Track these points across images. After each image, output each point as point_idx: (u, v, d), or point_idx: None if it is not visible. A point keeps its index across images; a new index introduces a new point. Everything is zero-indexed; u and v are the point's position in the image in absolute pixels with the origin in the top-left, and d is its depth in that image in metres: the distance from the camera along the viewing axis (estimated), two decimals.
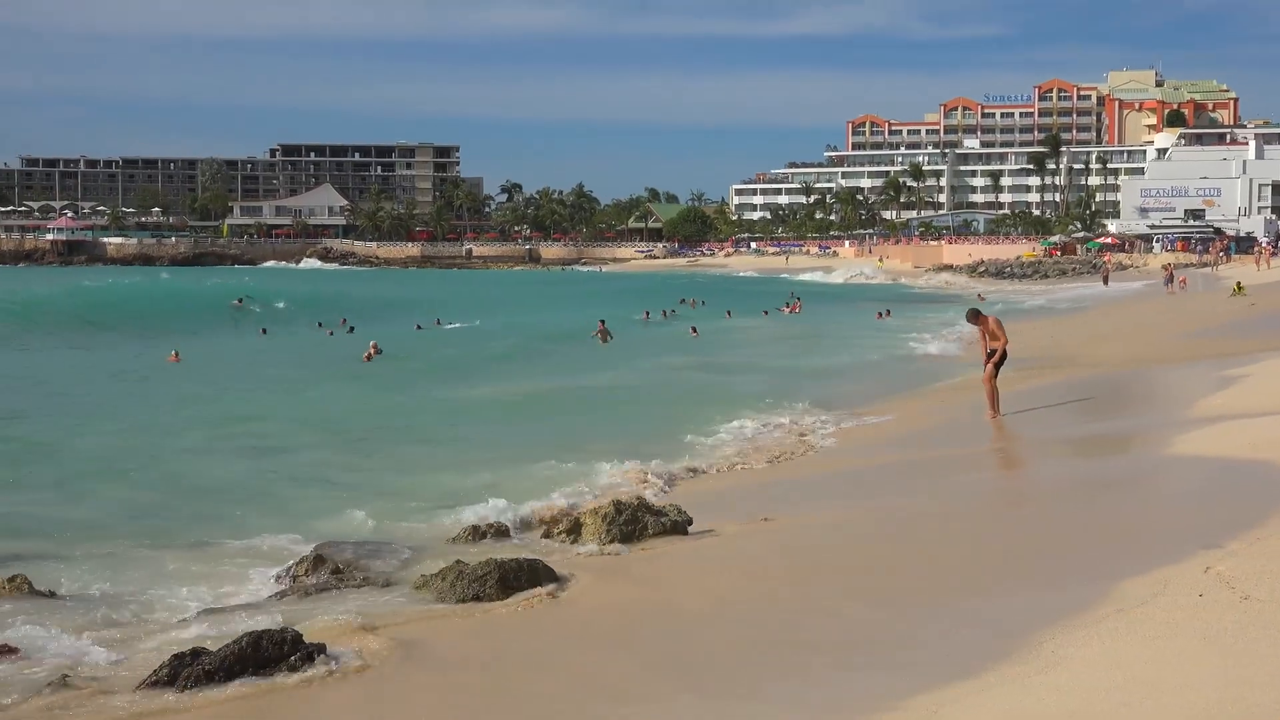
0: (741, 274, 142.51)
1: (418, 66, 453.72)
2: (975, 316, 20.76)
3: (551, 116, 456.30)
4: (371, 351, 40.55)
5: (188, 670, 7.90)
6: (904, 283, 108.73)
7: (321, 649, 8.29)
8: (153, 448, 20.21)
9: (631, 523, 11.98)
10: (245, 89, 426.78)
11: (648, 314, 62.98)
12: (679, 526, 12.09)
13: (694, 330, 50.42)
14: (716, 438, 20.10)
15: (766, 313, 63.82)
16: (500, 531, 12.34)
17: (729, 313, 63.40)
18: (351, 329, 54.06)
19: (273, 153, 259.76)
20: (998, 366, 19.78)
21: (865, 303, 72.84)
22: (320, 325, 56.98)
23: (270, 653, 8.10)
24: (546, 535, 12.39)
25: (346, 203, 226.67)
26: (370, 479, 17.33)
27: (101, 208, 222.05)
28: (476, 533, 12.26)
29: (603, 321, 48.09)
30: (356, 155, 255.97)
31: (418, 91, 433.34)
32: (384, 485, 16.76)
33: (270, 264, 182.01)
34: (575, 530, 12.17)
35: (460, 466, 17.89)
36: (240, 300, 72.75)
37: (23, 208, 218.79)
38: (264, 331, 55.07)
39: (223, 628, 9.54)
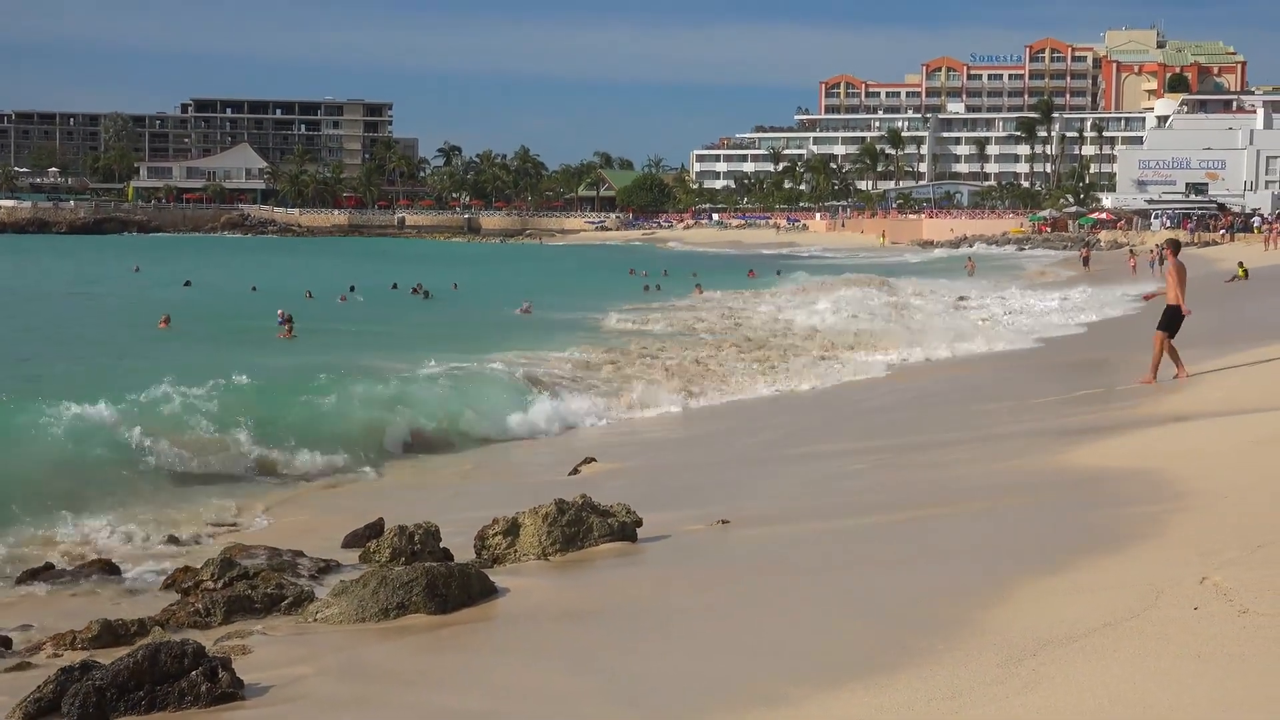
0: (708, 250, 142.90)
1: (347, 13, 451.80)
2: (1177, 249, 20.35)
3: (494, 71, 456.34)
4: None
5: (75, 687, 7.81)
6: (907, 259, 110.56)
7: (226, 663, 8.23)
8: None
9: (575, 524, 12.00)
10: (154, 35, 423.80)
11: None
12: (627, 529, 12.14)
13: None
14: None
15: None
16: (430, 534, 12.28)
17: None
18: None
19: (184, 108, 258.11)
20: (1173, 322, 19.77)
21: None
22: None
23: (170, 667, 8.02)
24: (481, 538, 12.36)
25: (266, 165, 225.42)
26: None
27: None
28: (404, 534, 12.19)
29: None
30: (278, 112, 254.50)
31: (347, 41, 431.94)
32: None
33: (183, 235, 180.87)
34: (513, 532, 12.16)
35: None
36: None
37: None
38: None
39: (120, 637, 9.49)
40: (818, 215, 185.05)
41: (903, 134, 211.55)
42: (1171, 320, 19.86)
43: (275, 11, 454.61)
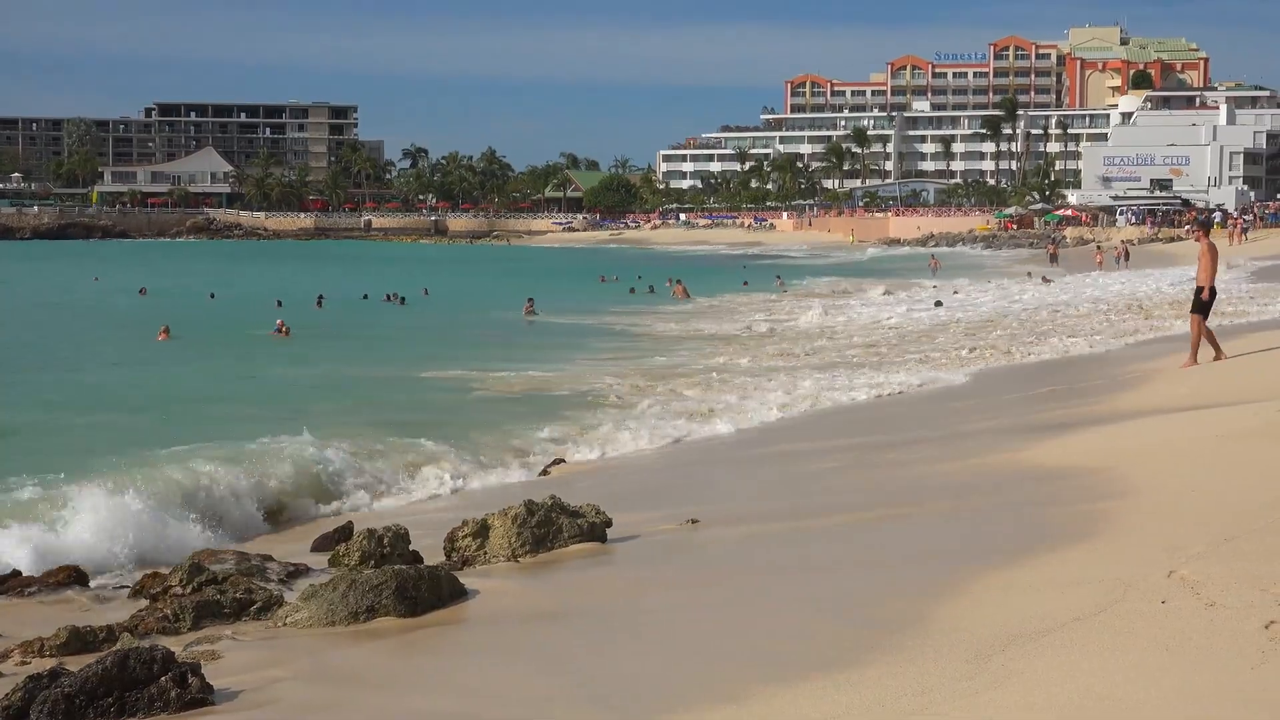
0: (682, 249, 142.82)
1: (311, 16, 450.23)
2: (1207, 230, 20.43)
3: (460, 73, 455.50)
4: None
5: (44, 694, 7.77)
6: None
7: (196, 668, 8.20)
8: None
9: (544, 525, 11.99)
10: (118, 39, 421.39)
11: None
12: (597, 530, 12.14)
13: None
14: None
15: None
16: (400, 537, 12.25)
17: None
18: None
19: (148, 112, 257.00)
20: (1205, 307, 19.91)
21: None
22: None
23: (139, 673, 7.98)
24: (450, 540, 12.34)
25: (231, 168, 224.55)
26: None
27: None
28: (373, 537, 12.16)
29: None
30: (243, 116, 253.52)
31: (311, 45, 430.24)
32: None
33: (148, 240, 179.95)
34: (482, 534, 12.15)
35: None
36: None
37: None
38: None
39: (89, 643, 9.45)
40: (785, 215, 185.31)
41: (868, 133, 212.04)
42: (1205, 301, 20.00)
43: (239, 15, 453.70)
